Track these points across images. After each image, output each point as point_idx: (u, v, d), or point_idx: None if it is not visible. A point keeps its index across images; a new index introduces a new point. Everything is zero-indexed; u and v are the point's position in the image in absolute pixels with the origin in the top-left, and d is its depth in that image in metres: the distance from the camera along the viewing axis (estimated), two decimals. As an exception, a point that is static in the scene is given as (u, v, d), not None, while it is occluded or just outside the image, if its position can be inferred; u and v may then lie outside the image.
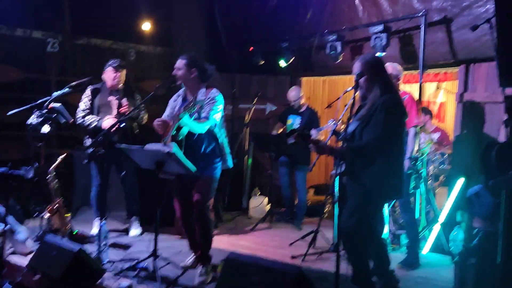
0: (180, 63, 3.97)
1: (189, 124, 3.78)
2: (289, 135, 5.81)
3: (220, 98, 3.98)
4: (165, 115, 4.16)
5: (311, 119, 5.84)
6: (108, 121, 4.83)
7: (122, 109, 4.83)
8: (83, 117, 4.99)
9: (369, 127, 3.28)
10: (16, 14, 5.92)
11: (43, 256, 3.57)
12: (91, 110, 5.02)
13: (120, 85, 5.05)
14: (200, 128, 3.86)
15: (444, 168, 5.61)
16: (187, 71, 3.95)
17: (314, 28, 6.20)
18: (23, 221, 4.96)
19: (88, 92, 5.07)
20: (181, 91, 4.17)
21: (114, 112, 4.89)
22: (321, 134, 5.55)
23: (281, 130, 6.11)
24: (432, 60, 5.24)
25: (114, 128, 4.67)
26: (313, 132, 5.59)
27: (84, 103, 5.04)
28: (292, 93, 5.94)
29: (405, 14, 5.22)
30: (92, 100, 5.04)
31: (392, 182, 3.38)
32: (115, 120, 4.78)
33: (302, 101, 5.97)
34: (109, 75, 5.02)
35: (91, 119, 4.94)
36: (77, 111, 5.02)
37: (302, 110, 5.96)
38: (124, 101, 4.91)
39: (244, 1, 7.03)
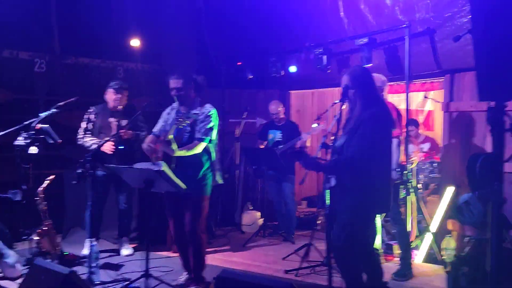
0: (177, 83, 3.94)
1: (185, 154, 3.80)
2: (275, 146, 5.86)
3: (214, 113, 4.00)
4: (157, 128, 4.16)
5: (292, 131, 5.86)
6: (107, 145, 4.82)
7: (122, 133, 4.83)
8: (83, 138, 4.99)
9: (355, 141, 3.29)
10: (2, 36, 5.91)
11: (32, 280, 3.51)
12: (92, 131, 5.02)
13: (120, 107, 5.05)
14: (195, 151, 3.88)
15: (434, 177, 5.64)
16: (188, 88, 3.97)
17: (301, 41, 6.25)
18: (12, 245, 4.90)
19: (89, 112, 5.08)
20: (175, 104, 4.16)
21: (114, 133, 4.89)
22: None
23: (262, 146, 6.13)
24: (417, 71, 5.30)
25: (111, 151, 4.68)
26: (304, 135, 5.61)
27: (85, 123, 5.05)
28: (272, 106, 6.00)
29: (389, 26, 5.28)
30: (94, 120, 5.04)
31: (379, 196, 3.38)
32: (113, 143, 4.79)
33: (282, 114, 6.01)
34: (110, 96, 5.05)
35: (91, 141, 4.93)
36: (78, 131, 5.04)
37: (282, 123, 6.00)
38: (124, 122, 4.90)
39: (232, 16, 7.08)
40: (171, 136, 3.75)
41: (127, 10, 6.92)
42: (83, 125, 5.06)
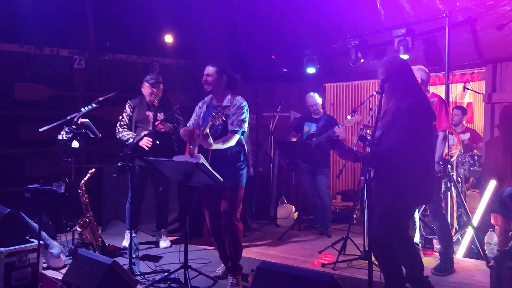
0: (210, 70, 4.05)
1: (221, 146, 3.85)
2: (309, 139, 5.83)
3: (245, 105, 4.03)
4: (190, 122, 4.23)
5: (328, 124, 5.80)
6: (144, 141, 4.83)
7: (159, 126, 4.85)
8: (121, 132, 5.06)
9: (393, 132, 3.24)
10: (43, 34, 6.08)
11: (77, 270, 3.62)
12: (128, 125, 5.10)
13: (156, 101, 5.08)
14: (231, 144, 3.92)
15: (475, 170, 5.50)
16: (218, 78, 4.04)
17: (336, 34, 6.18)
18: (55, 236, 5.06)
19: (126, 107, 5.15)
20: (206, 98, 4.22)
21: (150, 127, 4.97)
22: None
23: (294, 139, 6.10)
24: (458, 61, 5.16)
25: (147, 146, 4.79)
26: (335, 128, 5.54)
27: (123, 117, 5.12)
28: (310, 99, 5.97)
29: (428, 16, 5.15)
30: (130, 114, 5.12)
31: (421, 187, 3.31)
32: (149, 140, 4.84)
33: (319, 107, 5.97)
34: (146, 91, 5.12)
35: (128, 135, 5.01)
36: (117, 126, 5.11)
37: (318, 116, 5.96)
38: (161, 116, 4.97)
39: (265, 9, 7.06)
40: (207, 130, 3.78)
41: (161, 6, 7.00)
42: (121, 118, 5.14)
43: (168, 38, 7.17)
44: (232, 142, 3.92)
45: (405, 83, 3.38)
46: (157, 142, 4.88)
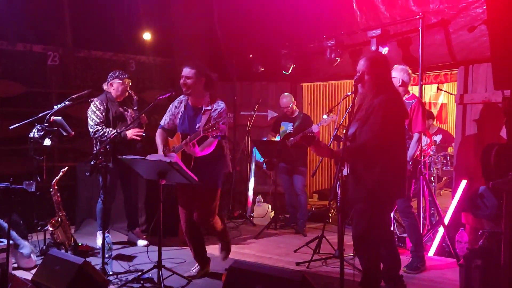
0: (189, 72, 3.98)
1: (206, 152, 3.86)
2: (286, 138, 5.84)
3: (225, 109, 4.03)
4: (164, 120, 4.18)
5: (305, 123, 5.83)
6: (135, 132, 4.88)
7: (142, 119, 4.95)
8: (103, 129, 4.87)
9: (367, 127, 3.28)
10: (16, 29, 5.96)
11: (47, 270, 3.56)
12: (104, 122, 4.93)
13: (122, 97, 5.06)
14: (211, 149, 3.92)
15: (447, 170, 5.60)
16: (197, 80, 3.98)
17: (313, 34, 6.21)
18: (27, 236, 4.97)
19: (98, 104, 4.95)
20: (183, 98, 4.17)
21: (129, 122, 4.97)
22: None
23: (273, 139, 6.12)
24: (431, 62, 5.24)
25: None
26: (314, 127, 5.57)
27: (97, 116, 4.91)
28: (283, 100, 5.96)
29: (402, 18, 5.23)
30: (105, 112, 4.97)
31: (394, 182, 3.35)
32: (139, 130, 4.90)
33: (294, 107, 5.99)
34: (117, 87, 5.03)
35: (111, 132, 4.83)
36: (92, 125, 4.88)
37: (294, 116, 5.98)
38: (130, 111, 5.03)
39: (243, 9, 7.05)
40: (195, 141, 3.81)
41: (139, 4, 6.94)
42: (95, 118, 4.91)
43: (147, 36, 7.11)
44: (213, 147, 3.93)
45: (382, 80, 3.41)
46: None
